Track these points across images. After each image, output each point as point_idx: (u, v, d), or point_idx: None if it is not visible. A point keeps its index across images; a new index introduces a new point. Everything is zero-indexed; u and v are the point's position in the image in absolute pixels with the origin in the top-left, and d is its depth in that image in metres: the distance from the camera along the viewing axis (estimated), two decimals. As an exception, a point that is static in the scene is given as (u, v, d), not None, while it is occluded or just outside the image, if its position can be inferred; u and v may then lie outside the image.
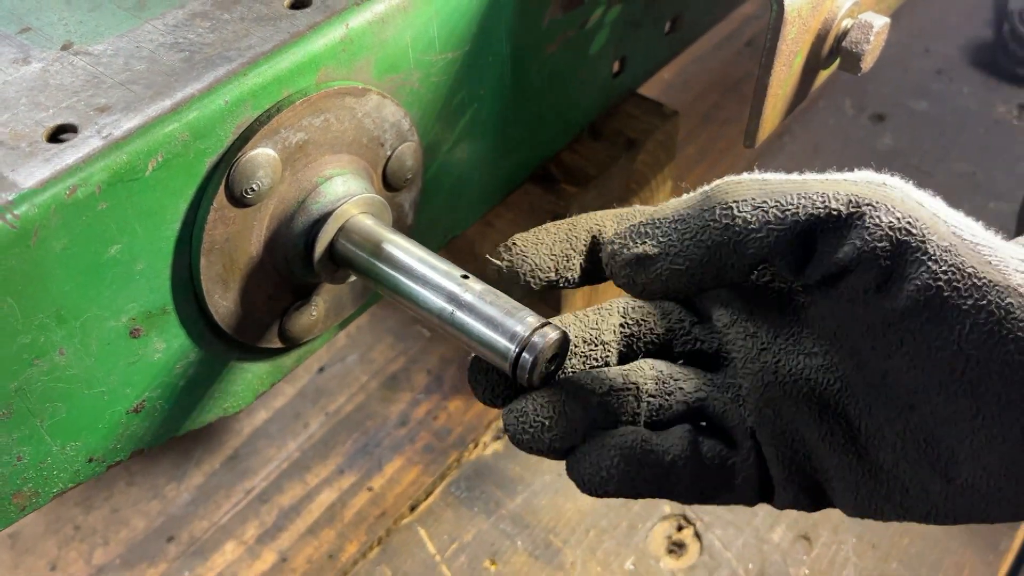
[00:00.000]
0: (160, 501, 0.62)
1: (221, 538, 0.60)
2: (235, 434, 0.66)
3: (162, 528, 0.61)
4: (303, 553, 0.59)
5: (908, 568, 0.57)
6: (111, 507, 0.62)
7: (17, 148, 0.32)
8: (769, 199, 0.32)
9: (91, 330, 0.34)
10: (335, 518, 0.61)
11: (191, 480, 0.63)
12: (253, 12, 0.37)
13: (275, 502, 0.62)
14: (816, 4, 0.39)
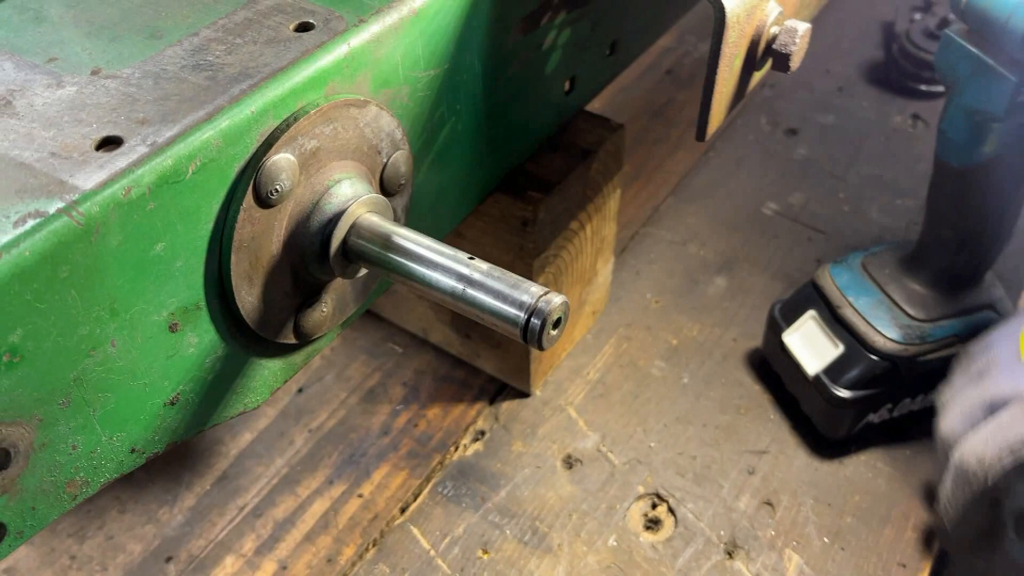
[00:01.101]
0: (155, 524, 0.64)
1: (220, 553, 0.62)
2: (222, 456, 0.68)
3: (159, 550, 0.62)
4: (302, 560, 0.61)
5: (861, 521, 0.63)
6: (105, 535, 0.63)
7: (70, 158, 0.35)
8: None
9: (138, 323, 0.37)
10: (329, 525, 0.63)
11: (183, 502, 0.65)
12: (263, 36, 0.42)
13: (269, 515, 0.64)
14: (750, 12, 0.46)
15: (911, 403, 0.65)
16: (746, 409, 0.70)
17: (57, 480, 0.37)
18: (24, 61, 0.40)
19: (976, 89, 0.53)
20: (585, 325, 0.75)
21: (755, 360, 0.73)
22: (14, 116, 0.37)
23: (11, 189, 0.33)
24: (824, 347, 0.65)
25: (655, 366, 0.73)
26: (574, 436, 0.68)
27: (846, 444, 0.67)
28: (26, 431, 0.35)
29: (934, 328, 0.62)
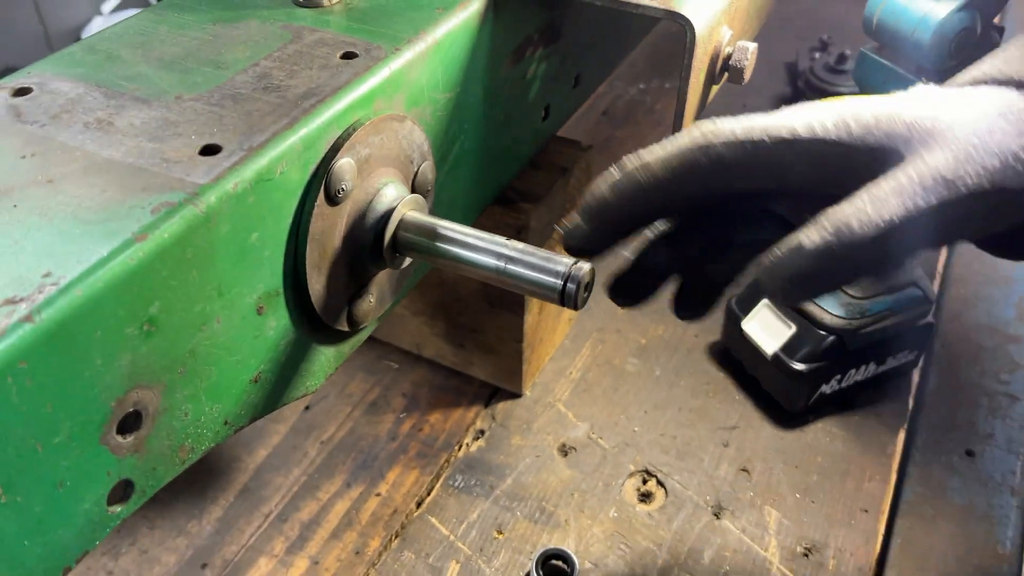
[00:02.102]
0: (185, 537, 0.67)
1: (253, 556, 0.66)
2: (242, 471, 0.72)
3: (194, 559, 0.66)
4: (332, 554, 0.66)
5: (825, 477, 0.72)
6: (139, 549, 0.66)
7: (180, 162, 0.41)
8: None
9: (236, 304, 0.43)
10: (353, 522, 0.68)
11: (211, 515, 0.69)
12: (316, 63, 0.49)
13: (295, 519, 0.68)
14: (710, 33, 0.56)
15: (856, 373, 0.75)
16: (714, 393, 0.78)
17: (173, 444, 0.42)
18: (111, 91, 0.46)
19: (890, 94, 0.64)
20: (563, 331, 0.83)
21: (716, 351, 0.82)
22: (119, 133, 0.43)
23: (137, 187, 0.39)
24: (778, 329, 0.74)
25: (629, 363, 0.81)
26: (566, 427, 0.75)
27: (804, 415, 0.76)
28: (153, 395, 0.40)
29: (871, 304, 0.73)
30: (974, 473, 0.72)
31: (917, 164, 0.40)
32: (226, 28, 0.52)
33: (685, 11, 0.53)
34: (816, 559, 0.66)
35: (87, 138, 0.42)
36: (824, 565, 0.66)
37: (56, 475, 0.36)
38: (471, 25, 0.56)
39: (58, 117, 0.44)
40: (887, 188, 0.39)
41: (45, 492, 0.36)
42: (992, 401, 0.78)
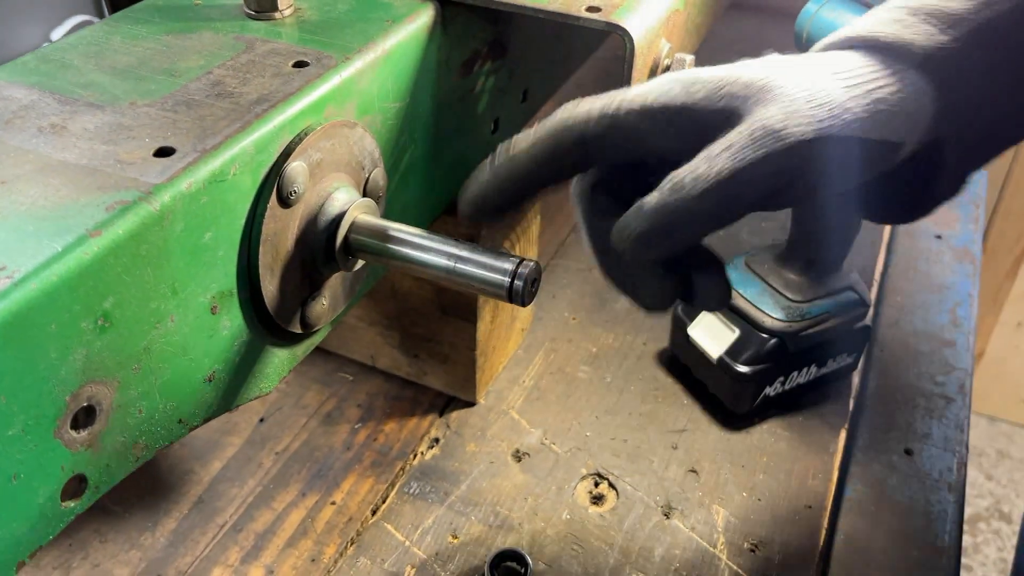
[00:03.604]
0: (139, 549, 0.67)
1: (207, 567, 0.66)
2: (196, 483, 0.72)
3: (147, 571, 0.65)
4: (287, 563, 0.66)
5: (771, 476, 0.74)
6: (91, 563, 0.66)
7: (135, 163, 0.42)
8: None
9: (190, 302, 0.44)
10: (308, 530, 0.69)
11: (164, 527, 0.69)
12: (268, 72, 0.50)
13: (249, 529, 0.69)
14: (649, 45, 0.58)
15: (798, 376, 0.78)
16: (663, 398, 0.80)
17: (127, 441, 0.43)
18: (65, 97, 0.47)
19: (821, 105, 0.67)
20: (516, 341, 0.85)
21: (664, 358, 0.84)
22: (73, 136, 0.44)
23: (93, 186, 0.40)
24: (723, 334, 0.77)
25: (581, 370, 0.83)
26: (519, 434, 0.77)
27: (750, 417, 0.78)
28: (108, 391, 0.40)
29: (810, 307, 0.75)
30: (913, 471, 0.75)
31: (749, 120, 0.41)
32: (179, 39, 0.53)
33: (625, 23, 0.56)
34: (763, 554, 0.68)
35: (41, 142, 0.43)
36: (771, 560, 0.67)
37: (10, 468, 0.36)
38: (420, 37, 0.58)
39: (11, 122, 0.45)
40: (720, 145, 0.41)
41: (-1, 484, 0.36)
42: (929, 402, 0.81)
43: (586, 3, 0.58)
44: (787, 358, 0.75)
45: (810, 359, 0.77)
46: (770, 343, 0.74)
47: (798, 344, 0.75)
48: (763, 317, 0.75)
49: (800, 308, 0.75)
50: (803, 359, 0.77)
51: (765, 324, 0.75)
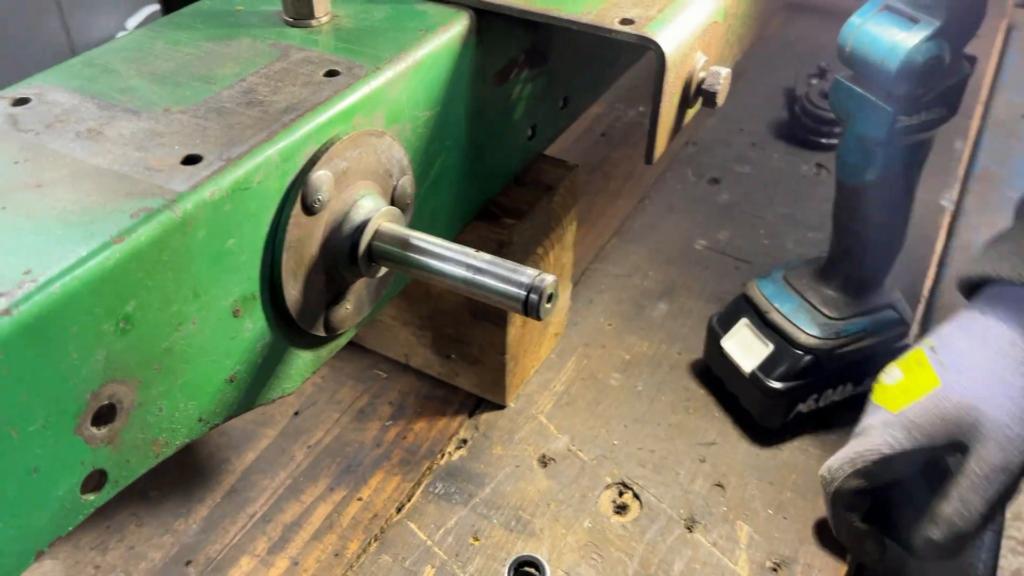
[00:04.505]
0: (172, 535, 0.69)
1: (235, 555, 0.68)
2: (230, 473, 0.74)
3: (178, 556, 0.68)
4: (312, 556, 0.68)
5: (799, 494, 0.73)
6: (126, 546, 0.69)
7: (162, 170, 0.44)
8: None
9: (212, 306, 0.46)
10: (334, 525, 0.70)
11: (197, 514, 0.71)
12: (299, 80, 0.51)
13: (278, 520, 0.70)
14: (683, 59, 0.58)
15: (833, 394, 0.76)
16: (694, 409, 0.80)
17: (147, 437, 0.44)
18: (104, 103, 0.49)
19: (863, 120, 0.65)
20: (549, 345, 0.85)
21: (698, 368, 0.84)
22: (108, 142, 0.45)
23: (120, 193, 0.42)
24: (757, 348, 0.76)
25: (612, 378, 0.83)
26: (547, 439, 0.77)
27: (781, 433, 0.77)
28: (128, 390, 0.42)
29: (847, 325, 0.74)
30: (948, 495, 0.73)
31: (977, 459, 0.58)
32: (218, 45, 0.55)
33: (657, 37, 0.55)
34: (785, 574, 0.67)
35: (77, 146, 0.45)
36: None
37: (30, 461, 0.38)
38: (453, 47, 0.58)
39: (52, 126, 0.47)
40: (967, 485, 0.59)
41: (19, 477, 0.38)
42: (971, 425, 0.79)
43: (620, 15, 0.57)
44: (821, 376, 0.74)
45: (845, 377, 0.76)
46: (804, 360, 0.73)
47: (833, 362, 0.74)
48: (798, 333, 0.74)
49: (836, 325, 0.74)
50: (838, 377, 0.75)
51: (800, 340, 0.74)
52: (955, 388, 0.59)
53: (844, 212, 0.72)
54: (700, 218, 1.04)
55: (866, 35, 0.62)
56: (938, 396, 0.60)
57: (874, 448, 0.62)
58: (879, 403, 0.63)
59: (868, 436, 0.63)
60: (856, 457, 0.63)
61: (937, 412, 0.60)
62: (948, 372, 0.60)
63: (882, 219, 0.71)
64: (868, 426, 0.64)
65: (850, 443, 0.65)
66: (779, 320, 0.75)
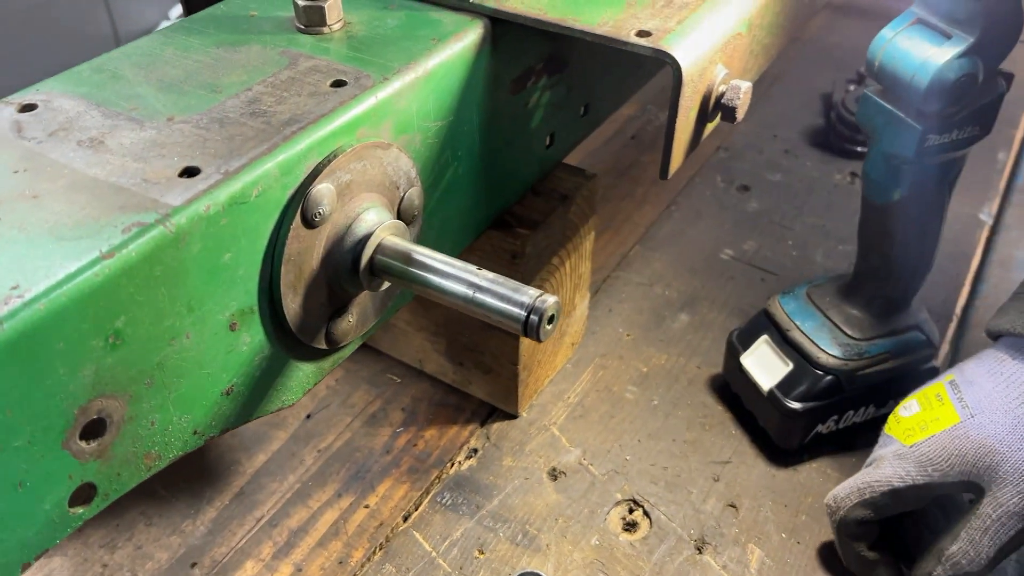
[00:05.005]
0: (179, 535, 0.70)
1: (240, 559, 0.68)
2: (240, 475, 0.74)
3: (185, 557, 0.68)
4: (316, 563, 0.68)
5: (814, 519, 0.71)
6: (134, 545, 0.69)
7: (159, 183, 0.43)
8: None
9: (207, 320, 0.45)
10: (340, 532, 0.70)
11: (205, 515, 0.71)
12: (305, 90, 0.51)
13: (284, 525, 0.70)
14: (701, 72, 0.56)
15: (854, 415, 0.74)
16: (710, 426, 0.78)
17: (138, 451, 0.44)
18: (109, 110, 0.49)
19: (891, 137, 0.63)
20: (565, 355, 0.84)
21: (717, 384, 0.82)
22: (108, 152, 0.45)
23: (115, 206, 0.42)
24: (776, 366, 0.74)
25: (628, 390, 0.82)
26: (558, 451, 0.76)
27: (799, 453, 0.75)
28: (119, 404, 0.42)
29: (870, 346, 0.72)
30: (972, 524, 0.70)
31: (992, 501, 0.56)
32: (228, 52, 0.55)
33: (674, 51, 0.54)
34: (795, 601, 0.65)
35: (77, 156, 0.45)
36: (803, 608, 0.65)
37: (15, 476, 0.38)
38: (466, 56, 0.57)
39: (55, 134, 0.46)
40: (978, 529, 0.57)
41: (4, 492, 0.38)
42: (999, 451, 0.76)
43: (637, 26, 0.56)
44: (842, 397, 0.72)
45: (868, 399, 0.73)
46: (824, 380, 0.71)
47: (855, 384, 0.72)
48: (819, 353, 0.72)
49: (859, 346, 0.72)
50: (860, 399, 0.73)
51: (820, 360, 0.71)
52: (975, 427, 0.57)
53: (870, 230, 0.70)
54: (727, 226, 1.02)
55: (896, 49, 0.60)
56: (956, 434, 0.58)
57: (884, 480, 0.61)
58: (892, 435, 0.62)
59: (879, 467, 0.61)
60: (864, 487, 0.62)
61: (954, 449, 0.57)
62: (969, 410, 0.58)
63: (909, 239, 0.68)
64: (879, 457, 0.62)
65: (859, 473, 0.63)
66: (800, 338, 0.73)
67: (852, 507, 0.62)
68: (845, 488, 0.63)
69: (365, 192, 0.51)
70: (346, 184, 0.50)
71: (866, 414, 0.75)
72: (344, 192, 0.50)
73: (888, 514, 0.62)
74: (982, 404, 0.58)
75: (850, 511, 0.62)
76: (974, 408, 0.58)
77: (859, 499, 0.62)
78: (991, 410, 0.57)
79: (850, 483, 0.63)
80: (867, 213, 0.70)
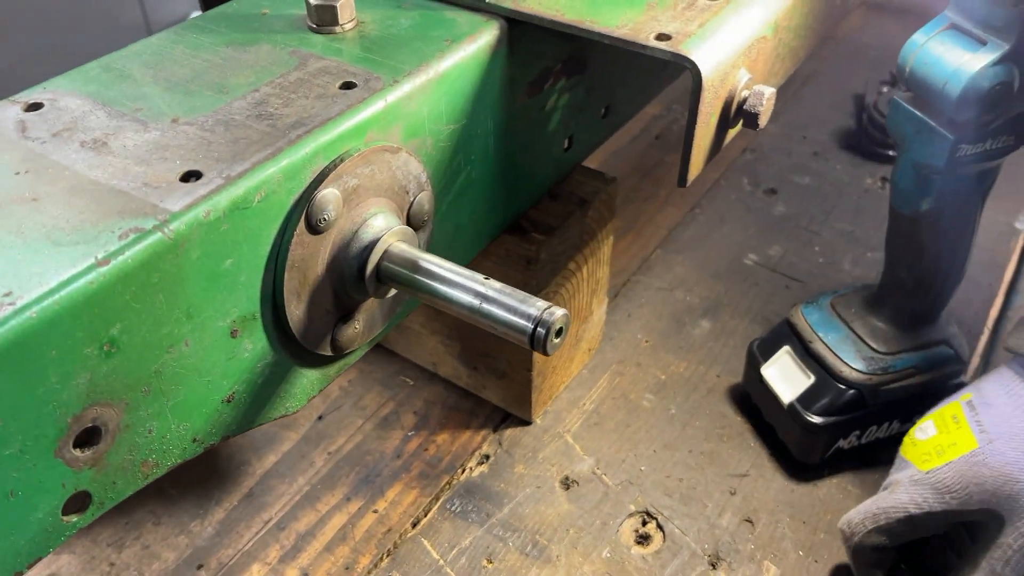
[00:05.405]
0: (187, 536, 0.69)
1: (247, 562, 0.67)
2: (249, 475, 0.74)
3: (191, 558, 0.68)
4: (322, 568, 0.67)
5: (833, 536, 0.69)
6: (142, 544, 0.69)
7: (159, 187, 0.42)
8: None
9: (207, 327, 0.44)
10: (347, 537, 0.69)
11: (213, 516, 0.71)
12: (313, 92, 0.50)
13: (292, 528, 0.70)
14: (723, 78, 0.54)
15: (877, 431, 0.72)
16: (728, 437, 0.76)
17: (135, 459, 0.43)
18: (115, 110, 0.48)
19: (921, 146, 0.61)
20: (581, 361, 0.82)
21: (736, 394, 0.80)
22: (110, 154, 0.44)
23: (114, 210, 0.41)
24: (797, 378, 0.72)
25: (645, 399, 0.80)
26: (571, 460, 0.75)
27: (819, 468, 0.73)
28: (115, 413, 0.41)
29: (895, 360, 0.69)
30: (998, 546, 0.68)
31: (1013, 532, 0.54)
32: (237, 51, 0.54)
33: (694, 55, 0.52)
34: (810, 622, 0.63)
35: (80, 158, 0.44)
36: (819, 629, 0.63)
37: (6, 485, 0.37)
38: (480, 57, 0.56)
39: (59, 135, 0.46)
40: (999, 557, 0.55)
41: (-5, 501, 0.37)
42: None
43: (657, 29, 0.54)
44: (865, 412, 0.70)
45: (892, 415, 0.71)
46: (847, 395, 0.69)
47: (878, 399, 0.69)
48: (841, 366, 0.70)
49: (884, 360, 0.69)
50: (883, 414, 0.71)
51: (843, 374, 0.69)
52: (994, 454, 0.55)
53: (897, 241, 0.68)
54: (752, 231, 1.00)
55: (928, 55, 0.58)
56: (974, 460, 0.55)
57: (899, 506, 0.59)
58: (908, 458, 0.59)
59: (894, 492, 0.59)
60: (879, 513, 0.60)
61: (972, 477, 0.55)
62: (987, 435, 0.56)
63: (939, 251, 0.66)
64: (894, 481, 0.60)
65: (874, 497, 0.61)
66: (822, 351, 0.71)
67: (866, 533, 0.60)
68: (859, 513, 0.61)
69: (373, 197, 0.50)
70: (353, 189, 0.49)
71: (890, 430, 0.72)
72: (351, 197, 0.49)
73: (904, 540, 0.60)
74: (1000, 429, 0.56)
75: (864, 537, 0.60)
76: (992, 433, 0.56)
77: (873, 525, 0.60)
78: (1010, 435, 0.55)
79: (864, 508, 0.61)
80: (895, 223, 0.67)
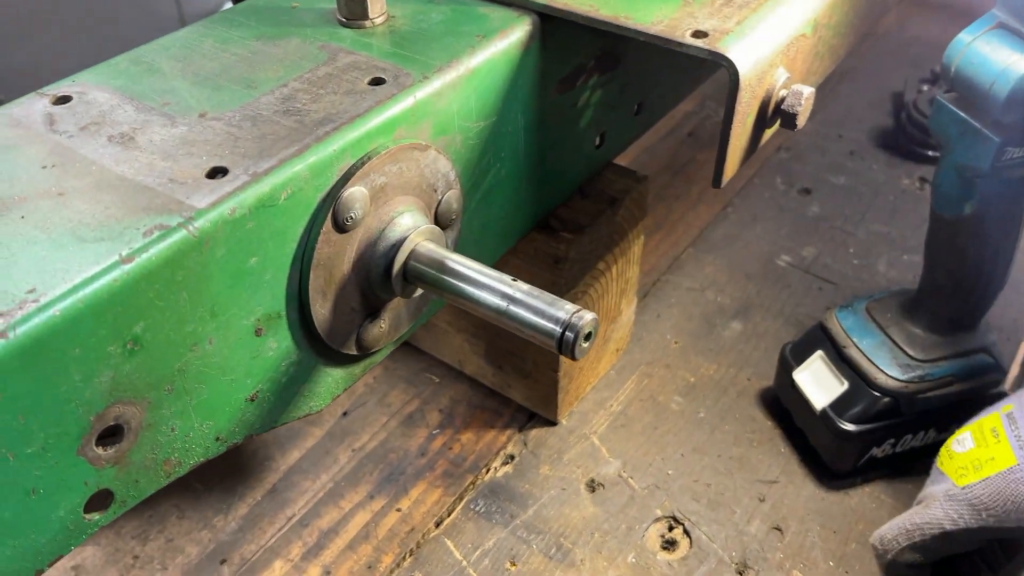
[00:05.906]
0: (210, 530, 0.69)
1: (270, 558, 0.67)
2: (273, 471, 0.73)
3: (214, 553, 0.68)
4: (344, 566, 0.67)
5: (864, 547, 0.67)
6: (166, 538, 0.69)
7: (186, 184, 0.42)
8: None
9: (231, 325, 0.44)
10: (370, 535, 0.69)
11: (237, 511, 0.70)
12: (342, 88, 0.49)
13: (315, 525, 0.69)
14: (760, 77, 0.53)
15: (912, 439, 0.70)
16: (758, 442, 0.75)
17: (157, 458, 0.43)
18: (143, 104, 0.47)
19: (964, 148, 0.59)
20: (609, 361, 0.81)
21: (767, 398, 0.79)
22: (137, 149, 0.44)
23: (139, 206, 0.40)
24: (831, 384, 0.70)
25: (674, 401, 0.79)
26: (597, 462, 0.74)
27: (852, 476, 0.72)
28: (137, 411, 0.41)
29: (932, 368, 0.68)
30: (1036, 561, 0.66)
31: None
32: (267, 45, 0.53)
33: (731, 53, 0.51)
34: (840, 635, 0.62)
35: (107, 152, 0.44)
36: (849, 642, 0.62)
37: (28, 483, 0.37)
38: (512, 54, 0.55)
39: (86, 128, 0.45)
40: None
41: (17, 499, 0.37)
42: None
43: (693, 26, 0.53)
44: (900, 420, 0.68)
45: (928, 424, 0.69)
46: (881, 402, 0.67)
47: (914, 407, 0.68)
48: (876, 373, 0.68)
49: (920, 368, 0.68)
50: (919, 423, 0.69)
51: (878, 381, 0.68)
52: None
53: (938, 245, 0.66)
54: (786, 231, 0.98)
55: (975, 55, 0.56)
56: (1014, 478, 0.54)
57: (934, 522, 0.57)
58: (944, 471, 0.58)
59: (929, 508, 0.58)
60: (914, 529, 0.58)
61: (1010, 495, 0.54)
62: None
63: (980, 256, 0.64)
64: (929, 495, 0.59)
65: (908, 512, 0.60)
66: (857, 356, 0.69)
67: (900, 550, 0.59)
68: (892, 529, 0.60)
69: (400, 195, 0.50)
70: (380, 187, 0.48)
71: (925, 438, 0.71)
72: (378, 195, 0.48)
73: (939, 556, 0.58)
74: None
75: (899, 554, 0.59)
76: None
77: (907, 542, 0.58)
78: None
79: (897, 523, 0.59)
80: (935, 227, 0.66)
